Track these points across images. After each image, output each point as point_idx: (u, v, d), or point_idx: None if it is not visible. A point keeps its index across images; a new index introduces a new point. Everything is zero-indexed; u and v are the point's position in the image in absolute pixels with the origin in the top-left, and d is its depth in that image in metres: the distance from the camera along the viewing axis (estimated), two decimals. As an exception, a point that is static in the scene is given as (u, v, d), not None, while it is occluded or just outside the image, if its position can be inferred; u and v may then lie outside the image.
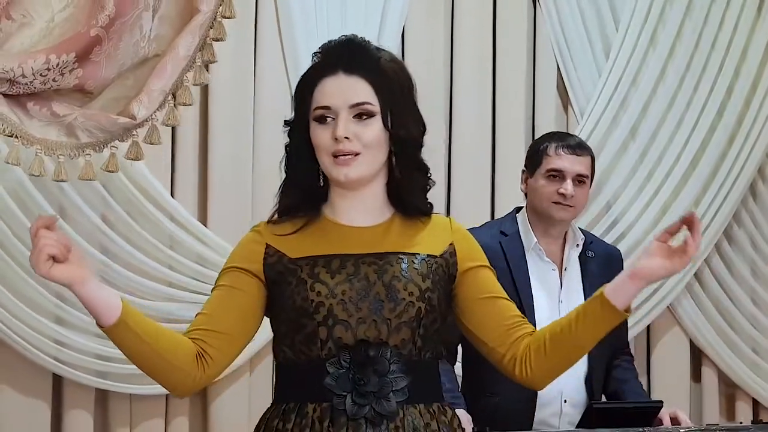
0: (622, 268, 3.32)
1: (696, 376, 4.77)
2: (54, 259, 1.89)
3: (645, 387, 4.66)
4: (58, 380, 3.94)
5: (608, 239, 4.55)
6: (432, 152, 4.30)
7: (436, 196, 4.30)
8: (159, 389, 3.88)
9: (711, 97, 4.69)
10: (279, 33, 4.23)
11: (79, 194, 3.86)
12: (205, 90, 4.15)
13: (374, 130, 2.05)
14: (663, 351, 4.71)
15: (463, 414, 2.91)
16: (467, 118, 4.50)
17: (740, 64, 4.72)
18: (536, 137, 4.06)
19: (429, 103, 4.44)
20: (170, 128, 4.05)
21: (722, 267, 4.77)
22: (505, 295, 2.14)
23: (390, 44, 4.32)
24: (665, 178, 4.63)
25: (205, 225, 4.10)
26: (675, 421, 3.06)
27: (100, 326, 1.97)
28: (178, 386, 2.06)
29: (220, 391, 4.08)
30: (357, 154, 2.04)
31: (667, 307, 4.67)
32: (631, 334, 4.57)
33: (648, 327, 4.70)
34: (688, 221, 2.03)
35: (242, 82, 4.18)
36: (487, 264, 2.15)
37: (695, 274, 4.69)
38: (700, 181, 4.66)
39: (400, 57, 4.33)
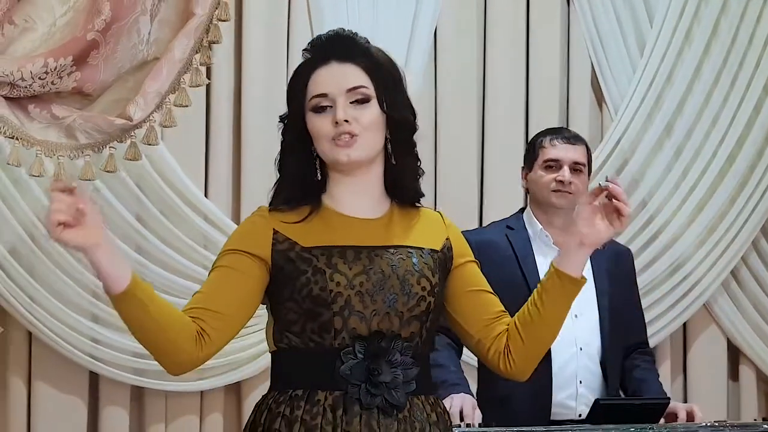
0: (632, 266, 3.38)
1: (733, 374, 4.73)
2: (67, 224, 1.86)
3: (681, 386, 4.64)
4: (94, 378, 4.00)
5: (644, 236, 4.53)
6: (465, 149, 4.43)
7: (469, 194, 4.42)
8: (194, 386, 4.02)
9: (747, 93, 4.64)
10: (312, 37, 4.25)
11: (113, 194, 3.92)
12: (238, 91, 4.19)
13: (372, 113, 2.08)
14: (700, 349, 4.67)
15: (468, 398, 2.94)
16: (501, 116, 4.50)
17: (778, 61, 4.68)
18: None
19: (462, 100, 4.45)
20: (204, 129, 4.12)
21: (759, 264, 4.72)
22: (490, 290, 2.19)
23: (423, 43, 4.34)
24: (701, 176, 4.59)
25: (238, 225, 4.12)
26: (690, 416, 3.05)
27: (108, 293, 1.95)
28: (175, 362, 2.04)
29: (253, 387, 4.11)
30: (357, 136, 2.06)
31: (704, 305, 4.63)
32: (667, 332, 4.55)
33: (684, 325, 4.66)
34: (604, 188, 2.19)
35: (275, 84, 4.21)
36: (474, 259, 2.21)
37: (732, 272, 4.65)
38: (737, 178, 4.61)
39: (433, 55, 4.43)
